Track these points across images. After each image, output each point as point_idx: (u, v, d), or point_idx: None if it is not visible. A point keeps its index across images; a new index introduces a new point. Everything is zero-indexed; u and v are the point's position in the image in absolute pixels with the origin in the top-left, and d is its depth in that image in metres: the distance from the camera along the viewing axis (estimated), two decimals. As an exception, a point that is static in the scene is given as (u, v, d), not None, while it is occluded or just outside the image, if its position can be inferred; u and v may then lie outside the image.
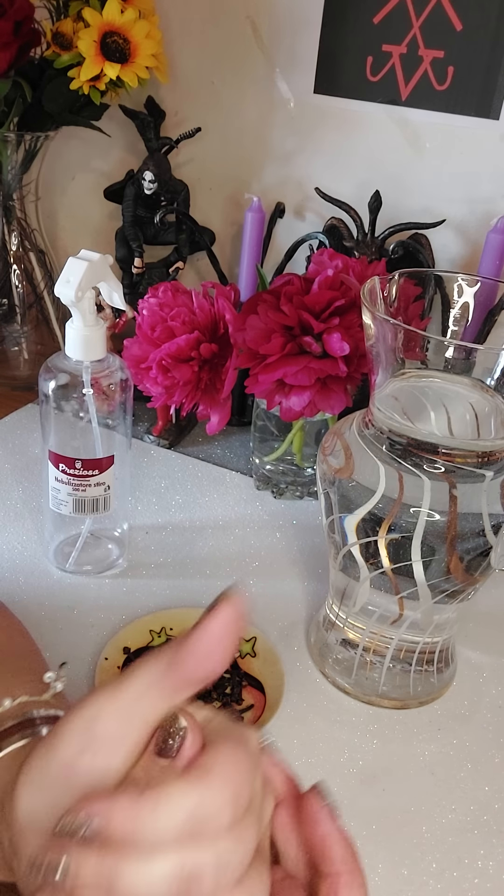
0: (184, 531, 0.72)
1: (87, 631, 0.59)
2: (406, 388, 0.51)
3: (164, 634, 0.59)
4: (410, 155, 0.83)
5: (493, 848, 0.48)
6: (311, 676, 0.58)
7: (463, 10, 0.75)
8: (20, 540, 0.68)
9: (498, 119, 0.78)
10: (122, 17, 0.75)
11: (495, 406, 0.49)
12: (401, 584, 0.50)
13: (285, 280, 0.63)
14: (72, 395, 0.59)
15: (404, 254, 0.77)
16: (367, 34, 0.79)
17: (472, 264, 0.84)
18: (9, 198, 0.87)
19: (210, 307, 0.65)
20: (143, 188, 0.84)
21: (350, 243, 0.80)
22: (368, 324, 0.48)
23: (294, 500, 0.77)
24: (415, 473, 0.48)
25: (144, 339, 0.65)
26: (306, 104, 0.85)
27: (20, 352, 0.94)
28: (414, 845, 0.47)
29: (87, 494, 0.61)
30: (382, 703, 0.56)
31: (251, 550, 0.70)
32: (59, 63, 0.78)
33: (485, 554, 0.49)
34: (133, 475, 0.77)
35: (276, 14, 0.83)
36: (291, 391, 0.61)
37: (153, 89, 0.89)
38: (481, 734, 0.55)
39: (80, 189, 1.01)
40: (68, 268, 0.54)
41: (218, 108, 0.89)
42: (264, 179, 0.91)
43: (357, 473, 0.50)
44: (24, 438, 0.82)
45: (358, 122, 0.84)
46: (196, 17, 0.86)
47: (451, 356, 0.50)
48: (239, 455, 0.83)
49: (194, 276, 0.99)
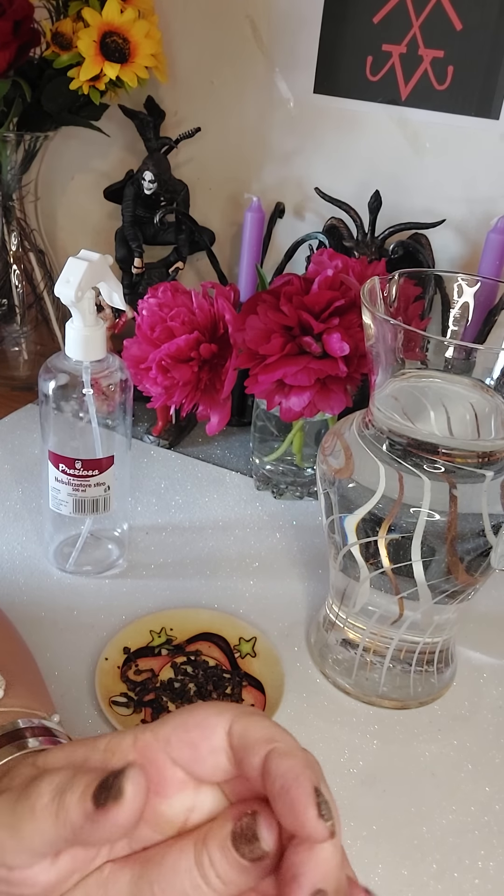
0: (184, 531, 0.72)
1: (87, 631, 0.59)
2: (406, 388, 0.51)
3: (164, 634, 0.59)
4: (410, 155, 0.83)
5: (494, 849, 0.48)
6: (312, 677, 0.58)
7: (463, 9, 0.75)
8: (20, 540, 0.68)
9: (498, 119, 0.78)
10: (121, 17, 0.75)
11: (495, 406, 0.49)
12: (401, 584, 0.50)
13: (285, 280, 0.63)
14: (72, 395, 0.59)
15: (404, 254, 0.77)
16: (367, 34, 0.79)
17: (472, 264, 0.84)
18: (8, 198, 0.87)
19: (210, 307, 0.65)
20: (143, 188, 0.84)
21: (350, 243, 0.80)
22: (368, 324, 0.48)
23: (294, 500, 0.77)
24: (415, 473, 0.48)
25: (144, 340, 0.65)
26: (306, 104, 0.85)
27: (20, 352, 0.94)
28: (414, 846, 0.47)
29: (87, 495, 0.61)
30: (383, 703, 0.56)
31: (251, 551, 0.70)
32: (59, 63, 0.78)
33: (485, 554, 0.49)
34: (133, 475, 0.77)
35: (276, 14, 0.83)
36: (291, 391, 0.61)
37: (153, 89, 0.89)
38: (481, 735, 0.55)
39: (79, 189, 1.01)
40: (68, 268, 0.54)
41: (218, 108, 0.89)
42: (264, 179, 0.91)
43: (357, 474, 0.50)
44: (23, 439, 0.82)
45: (358, 122, 0.84)
46: (196, 16, 0.86)
47: (451, 356, 0.50)
48: (239, 455, 0.83)
49: (194, 276, 0.99)
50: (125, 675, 0.55)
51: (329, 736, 0.54)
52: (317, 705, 0.56)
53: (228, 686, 0.55)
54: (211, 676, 0.56)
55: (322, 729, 0.54)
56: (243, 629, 0.60)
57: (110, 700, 0.53)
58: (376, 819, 0.49)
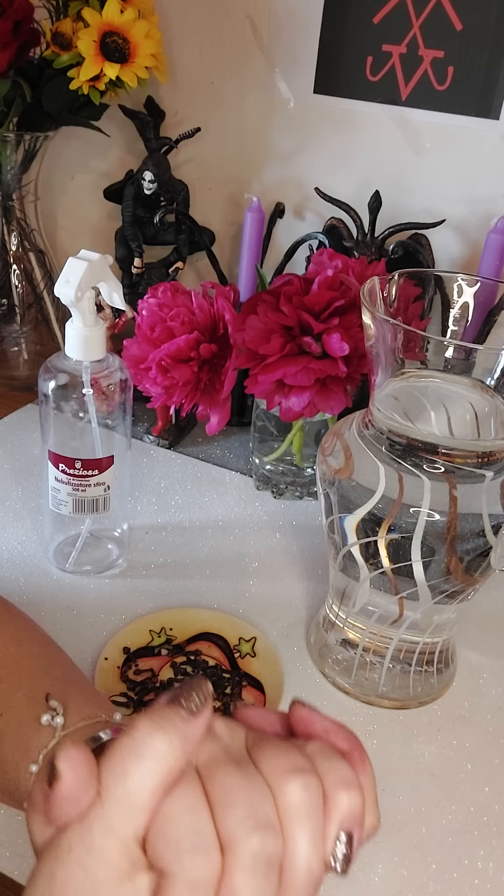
0: (183, 531, 0.72)
1: (87, 631, 0.59)
2: (406, 388, 0.51)
3: (164, 634, 0.59)
4: (410, 155, 0.83)
5: (493, 849, 0.48)
6: (311, 676, 0.58)
7: (463, 10, 0.75)
8: (20, 540, 0.68)
9: (498, 119, 0.78)
10: (121, 17, 0.75)
11: (495, 406, 0.49)
12: (401, 584, 0.50)
13: (285, 280, 0.63)
14: (71, 395, 0.59)
15: (404, 254, 0.77)
16: (367, 34, 0.79)
17: (472, 264, 0.84)
18: (8, 198, 0.87)
19: (210, 307, 0.65)
20: (143, 188, 0.84)
21: (350, 243, 0.80)
22: (368, 324, 0.48)
23: (294, 500, 0.77)
24: (415, 474, 0.48)
25: (144, 340, 0.65)
26: (306, 104, 0.85)
27: (20, 352, 0.94)
28: (414, 846, 0.47)
29: (87, 494, 0.61)
30: (382, 703, 0.56)
31: (251, 551, 0.70)
32: (59, 63, 0.78)
33: (485, 554, 0.49)
34: (133, 475, 0.77)
35: (276, 14, 0.83)
36: (291, 391, 0.61)
37: (153, 89, 0.89)
38: (481, 735, 0.55)
39: (79, 189, 1.01)
40: (68, 268, 0.54)
41: (218, 108, 0.89)
42: (264, 179, 0.91)
43: (357, 474, 0.50)
44: (23, 438, 0.82)
45: (358, 122, 0.84)
46: (196, 17, 0.86)
47: (450, 356, 0.50)
48: (239, 455, 0.83)
49: (194, 276, 0.99)
50: (125, 674, 0.56)
51: (329, 736, 0.54)
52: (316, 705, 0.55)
53: (228, 686, 0.55)
54: (210, 676, 0.56)
55: (322, 729, 0.54)
56: (243, 629, 0.60)
57: (110, 700, 0.53)
58: (376, 819, 0.49)
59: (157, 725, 0.28)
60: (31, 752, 0.37)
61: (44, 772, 0.29)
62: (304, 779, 0.29)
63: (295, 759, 0.30)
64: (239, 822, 0.27)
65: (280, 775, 0.29)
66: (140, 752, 0.28)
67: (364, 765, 0.32)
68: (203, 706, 0.29)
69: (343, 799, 0.30)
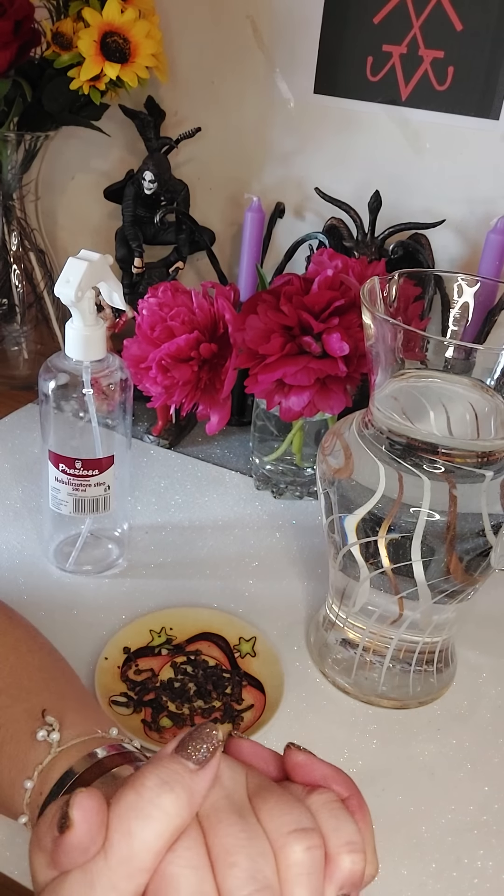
0: (183, 531, 0.72)
1: (87, 631, 0.59)
2: (406, 388, 0.51)
3: (164, 634, 0.59)
4: (410, 155, 0.83)
5: (493, 848, 0.48)
6: (311, 676, 0.58)
7: (463, 10, 0.75)
8: (20, 540, 0.68)
9: (498, 119, 0.78)
10: (121, 17, 0.75)
11: (495, 406, 0.49)
12: (400, 584, 0.50)
13: (285, 280, 0.63)
14: (72, 394, 0.59)
15: (404, 254, 0.77)
16: (367, 34, 0.79)
17: (471, 264, 0.84)
18: (9, 197, 0.87)
19: (210, 307, 0.65)
20: (143, 188, 0.84)
21: (350, 243, 0.80)
22: (368, 324, 0.48)
23: (294, 500, 0.77)
24: (414, 473, 0.48)
25: (144, 339, 0.65)
26: (306, 104, 0.85)
27: (20, 351, 0.94)
28: (413, 845, 0.47)
29: (87, 494, 0.61)
30: (382, 703, 0.56)
31: (251, 550, 0.70)
32: (59, 63, 0.78)
33: (484, 554, 0.49)
34: (133, 475, 0.77)
35: (276, 14, 0.83)
36: (291, 391, 0.61)
37: (153, 89, 0.89)
38: (481, 734, 0.55)
39: (79, 189, 1.01)
40: (68, 268, 0.54)
41: (218, 108, 0.89)
42: (264, 179, 0.91)
43: (357, 473, 0.50)
44: (23, 438, 0.82)
45: (358, 122, 0.84)
46: (196, 17, 0.86)
47: (450, 356, 0.50)
48: (239, 455, 0.83)
49: (194, 276, 0.99)
50: (125, 674, 0.56)
51: (328, 735, 0.54)
52: (316, 705, 0.56)
53: (228, 686, 0.55)
54: (211, 676, 0.56)
55: (321, 728, 0.54)
56: (243, 629, 0.60)
57: (110, 699, 0.53)
58: (375, 818, 0.48)
59: (163, 782, 0.28)
60: (27, 769, 0.37)
61: (56, 817, 0.28)
62: (308, 840, 0.29)
63: (298, 816, 0.29)
64: (240, 883, 0.27)
65: (283, 835, 0.29)
66: (147, 814, 0.28)
67: (363, 812, 0.32)
68: (211, 756, 0.29)
69: (346, 863, 0.30)
